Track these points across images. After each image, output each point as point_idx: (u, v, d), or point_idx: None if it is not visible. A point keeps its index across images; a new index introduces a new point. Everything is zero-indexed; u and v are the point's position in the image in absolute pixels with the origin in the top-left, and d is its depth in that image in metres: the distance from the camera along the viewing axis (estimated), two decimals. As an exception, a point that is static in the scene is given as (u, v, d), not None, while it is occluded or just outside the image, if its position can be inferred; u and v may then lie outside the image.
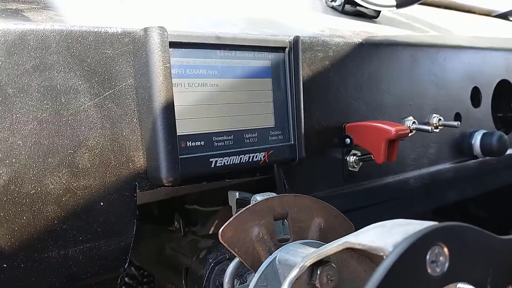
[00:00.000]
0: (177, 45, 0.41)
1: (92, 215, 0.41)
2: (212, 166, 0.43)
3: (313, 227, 0.40)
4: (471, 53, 0.81)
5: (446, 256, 0.25)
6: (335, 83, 0.59)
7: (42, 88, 0.38)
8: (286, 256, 0.36)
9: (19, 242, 0.38)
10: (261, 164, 0.47)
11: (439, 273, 0.25)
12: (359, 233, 0.28)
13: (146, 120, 0.41)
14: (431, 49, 0.73)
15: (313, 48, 0.56)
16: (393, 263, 0.23)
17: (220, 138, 0.45)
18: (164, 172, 0.41)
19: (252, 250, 0.37)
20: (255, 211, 0.38)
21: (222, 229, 0.36)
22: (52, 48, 0.39)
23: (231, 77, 0.45)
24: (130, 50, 0.42)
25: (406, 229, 0.26)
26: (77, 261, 0.40)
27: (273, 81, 0.49)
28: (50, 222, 0.39)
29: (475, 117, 0.80)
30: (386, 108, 0.65)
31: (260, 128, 0.48)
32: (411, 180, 0.68)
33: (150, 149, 0.42)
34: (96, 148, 0.40)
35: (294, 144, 0.50)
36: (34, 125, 0.38)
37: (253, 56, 0.47)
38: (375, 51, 0.64)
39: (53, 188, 0.39)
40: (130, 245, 0.43)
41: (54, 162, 0.39)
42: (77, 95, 0.40)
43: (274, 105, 0.49)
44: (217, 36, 0.44)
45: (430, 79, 0.71)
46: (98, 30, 0.41)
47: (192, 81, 0.43)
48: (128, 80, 0.42)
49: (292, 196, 0.41)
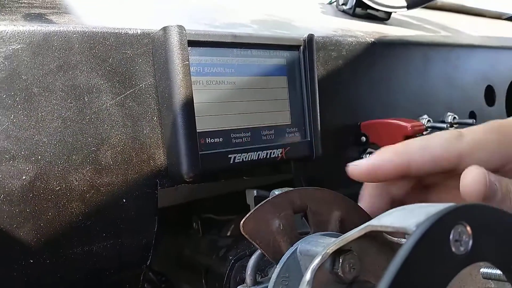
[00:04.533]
0: (195, 44, 0.42)
1: (115, 212, 0.41)
2: (231, 162, 0.44)
3: (333, 220, 0.41)
4: (484, 52, 0.81)
5: (470, 235, 0.25)
6: (349, 82, 0.59)
7: (66, 87, 0.39)
8: (307, 246, 0.36)
9: (44, 238, 0.39)
10: (278, 160, 0.48)
11: (463, 252, 0.25)
12: (381, 217, 0.29)
13: (166, 118, 0.42)
14: (443, 48, 0.73)
15: (326, 48, 0.57)
16: (417, 241, 0.23)
17: (238, 135, 0.45)
18: (185, 168, 0.41)
19: (273, 242, 0.37)
20: (275, 204, 0.38)
21: (243, 221, 0.37)
22: (75, 49, 0.40)
23: (248, 75, 0.46)
24: (150, 50, 0.43)
25: (428, 210, 0.26)
26: (100, 257, 0.41)
27: (288, 79, 0.50)
28: (75, 219, 0.40)
29: (490, 116, 0.79)
30: (400, 106, 0.65)
31: (277, 125, 0.49)
32: (428, 178, 0.68)
33: (170, 146, 0.42)
34: (118, 146, 0.41)
35: (310, 141, 0.51)
36: (58, 123, 0.39)
37: (268, 54, 0.48)
38: (388, 50, 0.64)
39: (77, 185, 0.40)
40: (151, 242, 0.44)
41: (78, 159, 0.40)
42: (99, 94, 0.41)
43: (290, 103, 0.50)
44: (233, 35, 0.45)
45: (443, 78, 0.72)
46: (118, 31, 0.42)
47: (210, 79, 0.44)
48: (148, 79, 0.43)
49: (312, 189, 0.41)
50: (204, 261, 0.53)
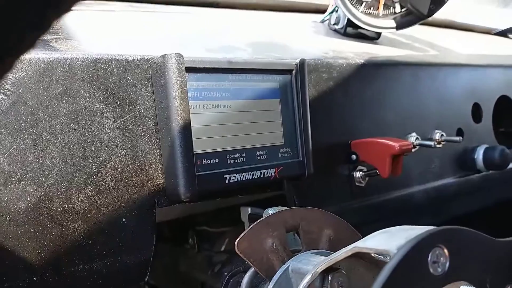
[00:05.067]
0: (193, 70, 0.44)
1: (115, 231, 0.43)
2: (226, 182, 0.46)
3: (323, 238, 0.43)
4: (471, 70, 0.84)
5: (447, 256, 0.27)
6: (340, 102, 0.62)
7: (69, 112, 0.41)
8: (299, 265, 0.38)
9: (48, 256, 0.40)
10: (271, 180, 0.50)
11: (441, 273, 0.27)
12: (366, 239, 0.31)
13: (164, 140, 0.44)
14: (431, 67, 0.76)
15: (318, 70, 0.59)
16: (397, 263, 0.25)
17: (233, 156, 0.47)
18: (182, 189, 0.43)
19: (266, 260, 0.39)
20: (269, 223, 0.41)
21: (238, 240, 0.39)
22: (78, 75, 0.42)
23: (243, 98, 0.49)
24: (149, 75, 0.45)
25: (409, 233, 0.28)
26: (101, 274, 0.43)
27: (281, 101, 0.52)
28: (77, 238, 0.41)
29: (477, 132, 0.82)
30: (390, 125, 0.67)
31: (270, 146, 0.51)
32: (417, 194, 0.70)
33: (168, 167, 0.44)
34: (118, 167, 0.43)
35: (302, 160, 0.53)
36: (62, 147, 0.41)
37: (262, 78, 0.50)
38: (377, 71, 0.67)
39: (79, 205, 0.41)
40: (150, 259, 0.46)
41: (80, 181, 0.42)
42: (101, 118, 0.43)
43: (283, 124, 0.52)
44: (229, 61, 0.47)
45: (431, 96, 0.74)
46: (119, 57, 0.44)
47: (207, 103, 0.46)
48: (147, 103, 0.45)
49: (303, 209, 0.43)
50: (199, 277, 0.55)
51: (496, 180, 0.84)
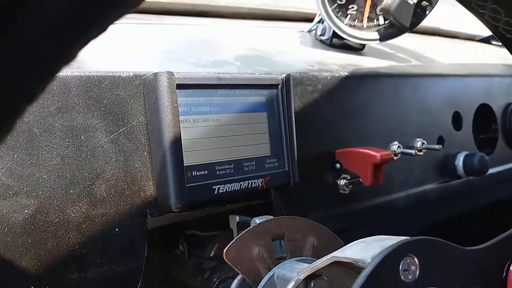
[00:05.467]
0: (183, 87, 0.47)
1: (109, 240, 0.45)
2: (215, 192, 0.48)
3: (307, 246, 0.45)
4: (451, 80, 0.87)
5: (417, 265, 0.30)
6: (324, 113, 0.64)
7: (64, 127, 0.43)
8: (283, 271, 0.40)
9: (44, 266, 0.42)
10: (259, 189, 0.52)
11: (411, 280, 0.30)
12: (344, 249, 0.33)
13: (156, 153, 0.46)
14: (413, 78, 0.79)
15: (303, 83, 0.62)
16: (371, 271, 0.28)
17: (222, 167, 0.50)
18: (173, 199, 0.45)
19: (253, 268, 0.42)
20: (255, 233, 0.43)
21: (226, 249, 0.41)
22: (73, 92, 0.44)
23: (231, 112, 0.51)
24: (141, 91, 0.47)
25: (383, 243, 0.31)
26: (95, 282, 0.45)
27: (268, 115, 0.54)
28: (72, 248, 0.43)
29: (458, 140, 0.85)
30: (373, 134, 0.70)
31: (258, 157, 0.53)
32: (399, 200, 0.73)
33: (160, 179, 0.46)
34: (111, 180, 0.45)
35: (288, 170, 0.55)
36: (57, 161, 0.43)
37: (249, 93, 0.52)
38: (361, 83, 0.69)
39: (74, 217, 0.43)
40: (142, 266, 0.48)
41: (75, 193, 0.43)
42: (95, 132, 0.45)
43: (270, 136, 0.54)
44: (218, 77, 0.49)
45: (413, 106, 0.77)
46: (112, 74, 0.46)
47: (197, 117, 0.48)
48: (140, 118, 0.47)
49: (288, 218, 0.45)
50: (190, 282, 0.57)
51: (476, 186, 0.88)
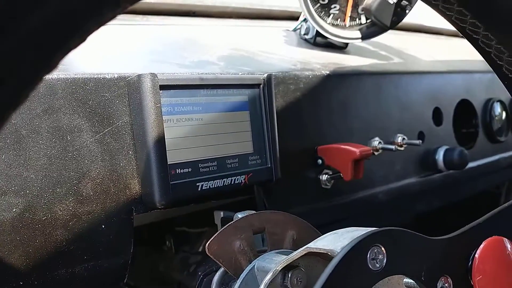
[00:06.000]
0: (166, 87, 0.48)
1: (95, 237, 0.47)
2: (199, 189, 0.50)
3: (287, 239, 0.47)
4: (431, 77, 0.89)
5: (384, 254, 0.32)
6: (307, 111, 0.66)
7: (50, 128, 0.45)
8: (263, 263, 0.42)
9: (33, 262, 0.44)
10: (242, 186, 0.54)
11: (379, 268, 0.32)
12: (317, 240, 0.35)
13: (140, 152, 0.48)
14: (393, 76, 0.81)
15: (285, 82, 0.63)
16: (339, 260, 0.30)
17: (205, 165, 0.51)
18: (157, 197, 0.47)
19: (234, 260, 0.43)
20: (237, 227, 0.45)
21: (208, 243, 0.43)
22: (59, 94, 0.45)
23: (214, 111, 0.52)
24: (125, 92, 0.48)
25: (352, 234, 0.33)
26: (82, 278, 0.46)
27: (250, 113, 0.56)
28: (59, 244, 0.45)
29: (438, 135, 0.88)
30: (355, 131, 0.72)
31: (240, 154, 0.55)
32: (380, 194, 0.76)
33: (144, 177, 0.48)
34: (97, 178, 0.47)
35: (271, 166, 0.57)
36: (44, 161, 0.44)
37: (232, 92, 0.54)
38: (342, 81, 0.71)
39: (61, 215, 0.45)
40: (128, 262, 0.49)
41: (62, 191, 0.45)
42: (81, 133, 0.46)
43: (252, 134, 0.56)
44: (200, 78, 0.51)
45: (394, 103, 0.79)
46: (97, 76, 0.48)
47: (180, 117, 0.50)
48: (124, 118, 0.49)
49: (269, 213, 0.47)
50: (176, 277, 0.58)
51: (455, 179, 0.90)
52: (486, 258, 0.38)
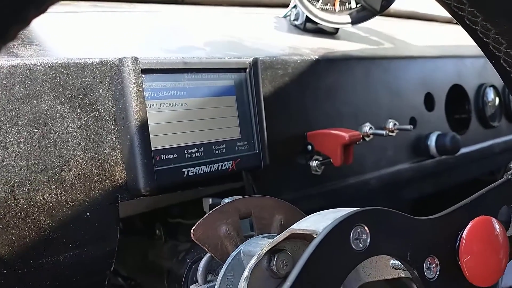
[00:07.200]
0: (149, 72, 0.47)
1: (80, 224, 0.46)
2: (185, 175, 0.49)
3: (275, 223, 0.46)
4: (423, 62, 0.89)
5: (368, 233, 0.31)
6: (295, 96, 0.65)
7: (31, 114, 0.44)
8: (249, 248, 0.42)
9: (16, 250, 0.43)
10: (229, 171, 0.54)
11: (362, 248, 0.31)
12: (301, 221, 0.35)
13: (124, 138, 0.47)
14: (383, 61, 0.80)
15: (273, 67, 0.63)
16: (321, 240, 0.29)
17: (191, 151, 0.51)
18: (142, 183, 0.46)
19: (220, 246, 0.43)
20: (222, 212, 0.44)
21: (193, 228, 0.42)
22: (39, 79, 0.44)
23: (199, 96, 0.52)
24: (108, 77, 0.48)
25: (335, 215, 0.32)
26: (68, 265, 0.46)
27: (237, 98, 0.55)
28: (43, 232, 0.44)
29: (430, 120, 0.87)
30: (344, 116, 0.71)
31: (228, 140, 0.54)
32: (372, 180, 0.75)
33: (128, 164, 0.47)
34: (81, 165, 0.46)
35: (258, 152, 0.56)
36: (25, 148, 0.43)
37: (217, 77, 0.53)
38: (331, 66, 0.71)
39: (44, 202, 0.44)
40: (114, 250, 0.49)
41: (44, 179, 0.44)
42: (62, 119, 0.45)
43: (239, 119, 0.55)
44: (184, 61, 0.50)
45: (384, 88, 0.79)
46: (78, 61, 0.47)
47: (164, 102, 0.49)
48: (107, 104, 0.48)
49: (256, 197, 0.47)
50: (166, 265, 0.58)
51: (448, 165, 0.90)
52: (474, 238, 0.37)
